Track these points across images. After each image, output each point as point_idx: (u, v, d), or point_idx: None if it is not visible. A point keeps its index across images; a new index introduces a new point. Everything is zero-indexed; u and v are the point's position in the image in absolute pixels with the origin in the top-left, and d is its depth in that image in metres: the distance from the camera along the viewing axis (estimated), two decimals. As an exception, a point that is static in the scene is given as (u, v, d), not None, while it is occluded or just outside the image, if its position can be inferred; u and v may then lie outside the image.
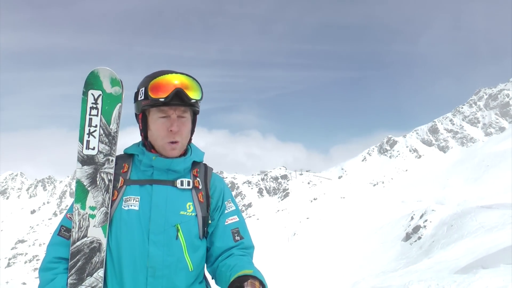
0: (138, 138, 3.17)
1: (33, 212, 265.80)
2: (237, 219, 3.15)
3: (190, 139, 3.18)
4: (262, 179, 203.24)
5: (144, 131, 3.05)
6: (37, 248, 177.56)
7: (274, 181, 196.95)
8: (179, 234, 2.87)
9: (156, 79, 2.91)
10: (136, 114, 3.08)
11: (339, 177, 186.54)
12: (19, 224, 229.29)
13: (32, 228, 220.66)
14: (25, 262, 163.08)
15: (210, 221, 3.07)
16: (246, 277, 2.63)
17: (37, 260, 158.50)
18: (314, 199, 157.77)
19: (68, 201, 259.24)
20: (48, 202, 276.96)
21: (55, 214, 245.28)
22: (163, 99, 2.85)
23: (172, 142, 2.95)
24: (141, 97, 2.95)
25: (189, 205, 2.96)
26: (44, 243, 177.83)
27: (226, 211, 3.13)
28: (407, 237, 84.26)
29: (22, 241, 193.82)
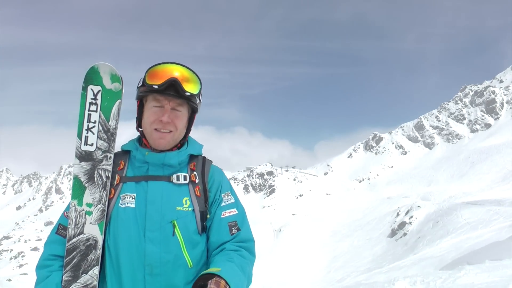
0: (135, 134, 3.16)
1: (18, 208, 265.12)
2: (236, 212, 3.08)
3: (186, 136, 3.15)
4: (248, 176, 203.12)
5: (139, 119, 3.05)
6: (22, 244, 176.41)
7: (260, 177, 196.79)
8: (175, 230, 2.85)
9: (155, 66, 2.92)
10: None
11: (325, 174, 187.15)
12: (4, 221, 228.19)
13: (17, 224, 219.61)
14: (10, 258, 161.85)
15: (208, 216, 3.03)
16: (212, 276, 2.57)
17: (23, 256, 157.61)
18: (300, 195, 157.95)
19: (54, 197, 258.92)
20: (33, 198, 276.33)
21: (40, 210, 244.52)
22: (156, 86, 2.85)
23: (160, 131, 2.93)
24: (140, 84, 2.96)
25: (186, 200, 2.93)
26: (29, 240, 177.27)
27: (222, 204, 3.07)
28: (393, 233, 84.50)
29: (7, 238, 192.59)
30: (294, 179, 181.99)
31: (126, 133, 3.35)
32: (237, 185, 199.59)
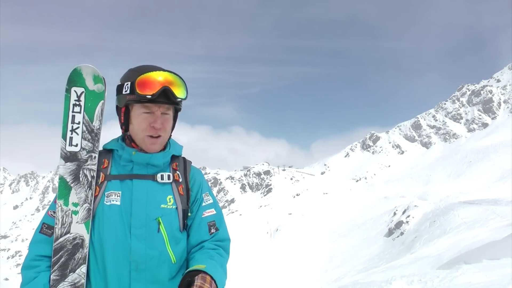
0: (118, 133, 3.16)
1: (15, 207, 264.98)
2: (214, 212, 3.17)
3: (170, 135, 3.18)
4: (245, 175, 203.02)
5: (126, 124, 3.05)
6: (19, 243, 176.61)
7: (257, 177, 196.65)
8: (160, 227, 2.89)
9: (143, 75, 2.89)
10: (117, 106, 3.07)
11: (322, 173, 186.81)
12: (1, 220, 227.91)
13: (14, 223, 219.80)
14: (8, 258, 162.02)
15: (189, 214, 3.09)
16: (198, 272, 2.68)
17: (20, 256, 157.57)
18: (297, 195, 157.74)
19: (51, 196, 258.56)
20: (30, 198, 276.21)
21: (37, 210, 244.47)
22: (150, 96, 2.85)
23: (153, 137, 2.96)
24: (126, 91, 2.93)
25: (170, 198, 2.98)
26: (27, 239, 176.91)
27: (203, 204, 3.15)
28: (390, 232, 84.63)
29: (4, 237, 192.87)
30: (291, 179, 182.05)
31: (110, 133, 3.28)
32: (234, 184, 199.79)
